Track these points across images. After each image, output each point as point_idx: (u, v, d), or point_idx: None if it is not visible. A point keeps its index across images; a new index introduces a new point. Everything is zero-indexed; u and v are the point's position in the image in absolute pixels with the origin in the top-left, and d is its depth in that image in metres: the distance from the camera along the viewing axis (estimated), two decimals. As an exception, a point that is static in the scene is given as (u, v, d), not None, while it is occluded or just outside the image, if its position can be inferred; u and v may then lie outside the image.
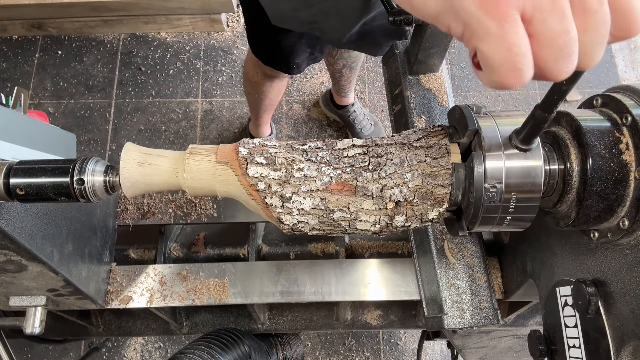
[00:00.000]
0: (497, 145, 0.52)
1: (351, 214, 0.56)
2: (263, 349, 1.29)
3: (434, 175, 0.55)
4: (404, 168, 0.56)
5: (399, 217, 0.56)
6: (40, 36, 2.46)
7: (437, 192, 0.55)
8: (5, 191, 0.54)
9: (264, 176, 0.56)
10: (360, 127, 2.21)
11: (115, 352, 1.98)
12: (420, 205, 0.56)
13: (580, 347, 0.60)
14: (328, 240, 1.21)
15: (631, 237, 0.53)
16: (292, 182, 0.56)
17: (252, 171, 0.56)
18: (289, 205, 0.56)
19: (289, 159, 0.57)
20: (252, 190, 0.56)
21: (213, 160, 0.57)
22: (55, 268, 0.79)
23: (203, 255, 1.21)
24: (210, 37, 2.46)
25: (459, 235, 0.59)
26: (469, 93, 2.38)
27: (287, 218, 0.57)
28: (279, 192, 0.56)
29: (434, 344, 1.97)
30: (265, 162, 0.56)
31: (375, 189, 0.56)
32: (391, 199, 0.55)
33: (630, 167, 0.52)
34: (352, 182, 0.56)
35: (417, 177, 0.55)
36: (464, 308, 0.86)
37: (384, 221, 0.56)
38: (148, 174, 0.57)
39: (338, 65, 1.86)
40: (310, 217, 0.57)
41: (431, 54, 1.01)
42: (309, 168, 0.56)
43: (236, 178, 0.57)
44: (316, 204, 0.56)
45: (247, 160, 0.56)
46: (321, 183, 0.56)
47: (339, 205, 0.56)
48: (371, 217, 0.56)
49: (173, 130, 2.30)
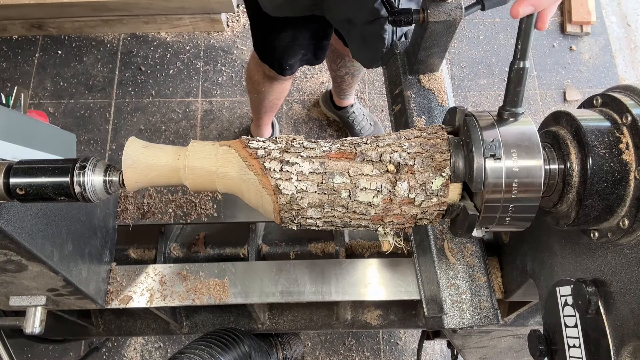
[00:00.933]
0: (487, 117, 0.55)
1: (351, 180, 0.56)
2: (263, 349, 1.29)
3: (431, 144, 0.56)
4: (401, 140, 0.57)
5: (402, 183, 0.55)
6: (40, 36, 2.46)
7: (437, 159, 0.56)
8: (5, 191, 0.54)
9: (264, 147, 0.57)
10: (360, 127, 2.21)
11: (115, 352, 1.98)
12: (422, 173, 0.55)
13: (580, 347, 0.60)
14: (328, 240, 1.21)
15: (631, 237, 0.53)
16: (291, 150, 0.57)
17: (253, 144, 0.58)
18: (287, 169, 0.56)
19: (289, 137, 0.59)
20: (251, 158, 0.57)
21: (216, 144, 0.59)
22: (55, 268, 0.79)
23: (203, 255, 1.21)
24: (210, 37, 2.46)
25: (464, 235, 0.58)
26: (469, 93, 2.38)
27: (286, 185, 0.56)
28: (279, 158, 0.56)
29: (434, 344, 1.97)
30: (267, 139, 0.59)
31: (374, 155, 0.56)
32: (391, 161, 0.55)
33: (630, 166, 0.52)
34: (351, 150, 0.57)
35: (415, 146, 0.56)
36: (464, 308, 0.86)
37: (386, 189, 0.56)
38: (151, 154, 0.57)
39: (341, 72, 1.87)
40: (309, 183, 0.56)
41: (431, 54, 1.01)
42: (309, 143, 0.58)
43: (236, 154, 0.57)
44: (315, 167, 0.56)
45: (249, 139, 0.59)
46: (320, 151, 0.57)
47: (338, 169, 0.56)
48: (372, 184, 0.56)
49: (173, 130, 2.30)
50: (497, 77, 2.40)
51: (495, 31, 2.48)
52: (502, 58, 2.42)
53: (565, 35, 2.47)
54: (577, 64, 2.41)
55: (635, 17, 2.55)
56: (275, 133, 2.24)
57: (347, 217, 0.58)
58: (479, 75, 2.40)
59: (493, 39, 2.46)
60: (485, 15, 2.48)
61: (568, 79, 2.39)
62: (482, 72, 2.41)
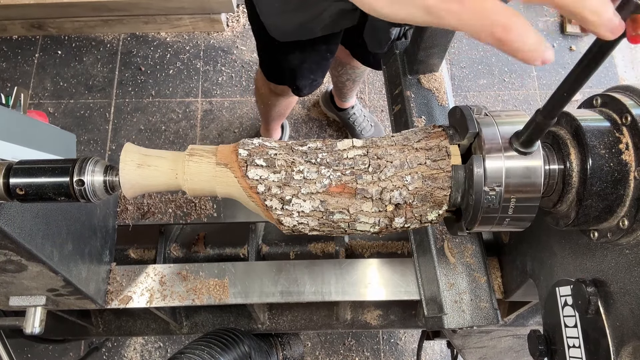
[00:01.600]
0: (497, 147, 0.52)
1: (351, 216, 0.56)
2: (263, 349, 1.29)
3: (433, 178, 0.55)
4: (403, 170, 0.56)
5: (399, 219, 0.56)
6: (40, 36, 2.46)
7: (437, 195, 0.55)
8: (5, 191, 0.54)
9: (264, 179, 0.56)
10: (360, 129, 2.21)
11: (115, 352, 1.98)
12: (420, 208, 0.56)
13: (580, 347, 0.60)
14: (328, 240, 1.21)
15: (631, 237, 0.53)
16: (292, 184, 0.56)
17: (252, 173, 0.56)
18: (288, 208, 0.56)
19: (288, 161, 0.57)
20: (252, 192, 0.56)
21: (213, 162, 0.57)
22: (55, 268, 0.79)
23: (203, 255, 1.21)
24: (210, 37, 2.46)
25: (458, 235, 0.59)
26: (469, 93, 2.38)
27: (287, 220, 0.57)
28: (279, 195, 0.56)
29: (434, 344, 1.97)
30: (265, 165, 0.56)
31: (375, 192, 0.56)
32: (391, 201, 0.55)
33: (630, 167, 0.52)
34: (352, 184, 0.56)
35: (416, 180, 0.55)
36: (464, 308, 0.86)
37: (383, 223, 0.56)
38: (147, 176, 0.57)
39: (342, 78, 1.88)
40: (310, 219, 0.57)
41: (431, 54, 1.01)
42: (309, 170, 0.56)
43: (236, 180, 0.56)
44: (316, 206, 0.56)
45: (246, 162, 0.56)
46: (321, 185, 0.56)
47: (338, 207, 0.56)
48: (371, 219, 0.56)
49: (173, 130, 2.30)
50: (496, 77, 2.40)
51: (495, 31, 2.47)
52: (502, 58, 2.42)
53: (565, 35, 2.47)
54: (577, 64, 2.41)
55: (635, 17, 2.55)
56: (285, 135, 2.24)
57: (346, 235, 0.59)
58: (479, 75, 2.40)
59: (493, 39, 2.46)
60: (485, 15, 2.47)
61: (568, 79, 2.39)
62: (482, 72, 2.41)
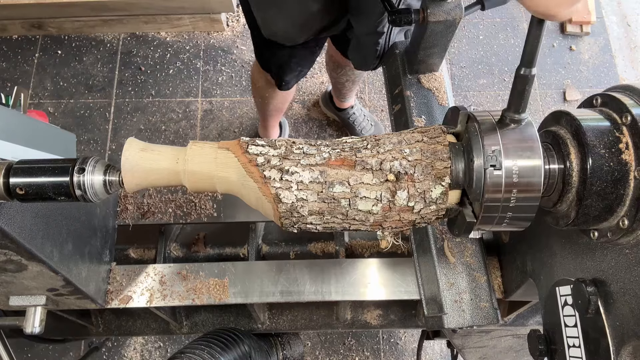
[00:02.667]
0: (490, 121, 0.54)
1: (351, 189, 0.56)
2: (263, 349, 1.29)
3: (432, 151, 0.56)
4: (402, 145, 0.57)
5: (401, 192, 0.55)
6: (40, 36, 2.46)
7: (437, 167, 0.55)
8: (5, 191, 0.54)
9: (264, 153, 0.57)
10: (360, 128, 2.21)
11: (115, 352, 1.98)
12: (422, 181, 0.55)
13: (580, 347, 0.60)
14: (328, 240, 1.21)
15: (631, 237, 0.53)
16: (291, 157, 0.56)
17: (253, 149, 0.57)
18: (287, 178, 0.56)
19: (289, 141, 0.58)
20: (251, 165, 0.56)
21: (215, 146, 0.59)
22: (55, 267, 0.79)
23: (203, 255, 1.21)
24: (210, 37, 2.46)
25: (462, 235, 0.59)
26: (469, 93, 2.38)
27: (286, 194, 0.56)
28: (278, 166, 0.56)
29: (434, 344, 1.97)
30: (266, 143, 0.58)
31: (374, 162, 0.56)
32: (391, 170, 0.55)
33: (630, 166, 0.52)
34: (351, 157, 0.56)
35: (415, 152, 0.56)
36: (464, 307, 0.86)
37: (385, 197, 0.56)
38: (149, 158, 0.57)
39: (341, 80, 1.88)
40: (309, 192, 0.56)
41: (431, 54, 1.01)
42: (309, 148, 0.57)
43: (236, 160, 0.57)
44: (315, 177, 0.56)
45: (248, 143, 0.58)
46: (320, 158, 0.56)
47: (338, 178, 0.56)
48: (372, 193, 0.56)
49: (173, 129, 2.30)
50: (496, 77, 2.39)
51: (495, 31, 2.48)
52: (502, 58, 2.42)
53: (565, 35, 2.46)
54: (577, 64, 2.41)
55: (635, 17, 2.55)
56: (284, 135, 2.24)
57: (347, 224, 0.59)
58: (479, 75, 2.40)
59: (493, 38, 2.46)
60: (485, 15, 2.47)
61: (568, 78, 2.39)
62: (482, 72, 2.41)
